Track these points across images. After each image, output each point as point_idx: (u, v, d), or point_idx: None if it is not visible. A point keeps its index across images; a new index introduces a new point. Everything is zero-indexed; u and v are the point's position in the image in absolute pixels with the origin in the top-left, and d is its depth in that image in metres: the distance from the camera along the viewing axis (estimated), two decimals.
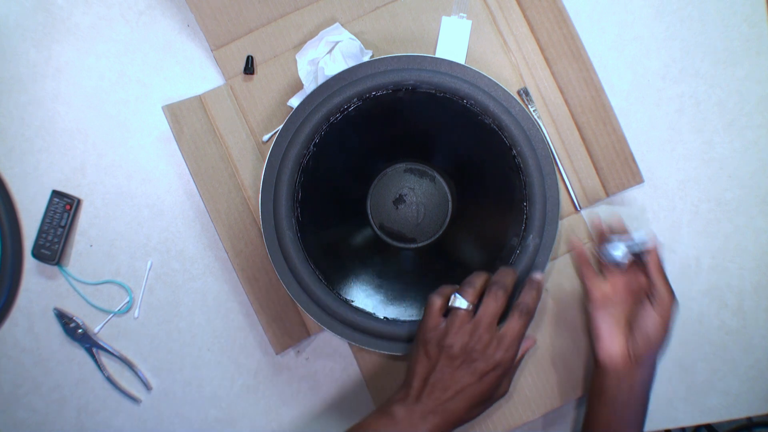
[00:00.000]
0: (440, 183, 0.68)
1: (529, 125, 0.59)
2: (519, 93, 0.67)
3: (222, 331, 0.69)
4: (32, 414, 0.69)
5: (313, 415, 0.68)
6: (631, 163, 0.66)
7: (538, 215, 0.58)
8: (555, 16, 0.66)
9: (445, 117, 0.61)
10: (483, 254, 0.64)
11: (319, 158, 0.60)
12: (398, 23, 0.67)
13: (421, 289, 0.61)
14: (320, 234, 0.63)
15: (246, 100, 0.67)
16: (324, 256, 0.62)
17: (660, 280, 0.59)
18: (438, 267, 0.66)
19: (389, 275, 0.65)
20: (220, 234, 0.66)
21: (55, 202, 0.67)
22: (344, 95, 0.58)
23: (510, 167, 0.60)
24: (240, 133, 0.67)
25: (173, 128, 0.66)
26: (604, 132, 0.66)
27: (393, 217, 0.68)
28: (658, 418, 0.68)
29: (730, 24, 0.68)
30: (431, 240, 0.68)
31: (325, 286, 0.59)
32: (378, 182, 0.68)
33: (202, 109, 0.67)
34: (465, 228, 0.67)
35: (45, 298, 0.68)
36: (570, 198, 0.67)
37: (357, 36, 0.66)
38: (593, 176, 0.67)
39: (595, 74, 0.66)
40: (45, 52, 0.69)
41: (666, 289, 0.59)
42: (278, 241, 0.59)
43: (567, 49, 0.66)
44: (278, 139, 0.59)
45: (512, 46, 0.67)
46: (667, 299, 0.58)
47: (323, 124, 0.58)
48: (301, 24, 0.67)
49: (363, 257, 0.66)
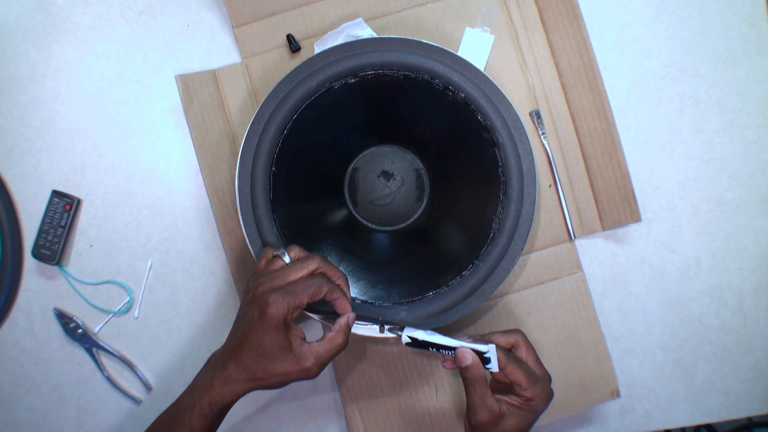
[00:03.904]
0: (418, 165, 0.68)
1: (500, 99, 0.58)
2: (530, 114, 0.67)
3: (222, 330, 0.69)
4: (32, 414, 0.69)
5: (311, 409, 0.68)
6: (631, 201, 0.66)
7: (515, 186, 0.58)
8: (578, 43, 0.66)
9: (421, 99, 0.61)
10: (461, 239, 0.64)
11: (296, 137, 0.60)
12: (421, 27, 0.67)
13: (398, 272, 0.61)
14: (295, 210, 0.62)
15: (259, 81, 0.67)
16: (297, 236, 0.61)
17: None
18: (416, 253, 0.66)
19: (365, 258, 0.65)
20: (214, 210, 0.67)
21: (55, 202, 0.67)
22: (327, 73, 0.58)
23: (485, 143, 0.59)
24: (249, 113, 0.67)
25: (183, 98, 0.66)
26: (609, 166, 0.66)
27: (371, 198, 0.68)
28: (658, 418, 0.68)
29: (730, 24, 0.68)
30: (408, 223, 0.68)
31: None
32: (357, 163, 0.69)
33: (215, 84, 0.67)
34: (442, 211, 0.67)
35: (45, 298, 0.68)
36: (565, 225, 0.67)
37: (379, 34, 0.66)
38: (592, 207, 0.67)
39: (609, 108, 0.66)
40: (45, 52, 0.69)
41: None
42: (253, 214, 0.59)
43: (585, 78, 0.66)
44: (257, 115, 0.59)
45: (531, 66, 0.67)
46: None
47: (303, 103, 0.58)
48: (324, 14, 0.67)
49: (338, 238, 0.66)
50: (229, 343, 0.52)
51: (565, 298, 0.67)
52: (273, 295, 0.49)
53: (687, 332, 0.68)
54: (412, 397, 0.67)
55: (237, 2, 0.67)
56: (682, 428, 0.97)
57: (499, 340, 0.55)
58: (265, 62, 0.67)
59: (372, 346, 0.67)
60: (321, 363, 0.51)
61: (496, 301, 0.67)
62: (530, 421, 0.53)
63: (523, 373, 0.52)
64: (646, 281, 0.68)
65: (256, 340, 0.49)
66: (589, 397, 0.66)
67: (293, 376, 0.50)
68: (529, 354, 0.55)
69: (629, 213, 0.67)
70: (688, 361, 0.68)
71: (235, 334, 0.52)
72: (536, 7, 0.67)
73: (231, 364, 0.50)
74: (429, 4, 0.67)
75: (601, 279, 0.68)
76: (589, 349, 0.67)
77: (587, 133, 0.67)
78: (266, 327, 0.49)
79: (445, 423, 0.66)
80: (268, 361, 0.49)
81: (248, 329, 0.50)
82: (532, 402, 0.52)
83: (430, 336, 0.53)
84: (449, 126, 0.63)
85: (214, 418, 0.51)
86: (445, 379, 0.67)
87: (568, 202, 0.67)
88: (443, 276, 0.60)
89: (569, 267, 0.67)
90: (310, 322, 0.67)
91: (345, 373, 0.67)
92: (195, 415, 0.50)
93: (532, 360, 0.55)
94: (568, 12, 0.67)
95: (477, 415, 0.52)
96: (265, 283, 0.51)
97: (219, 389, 0.50)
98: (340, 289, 0.52)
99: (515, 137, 0.58)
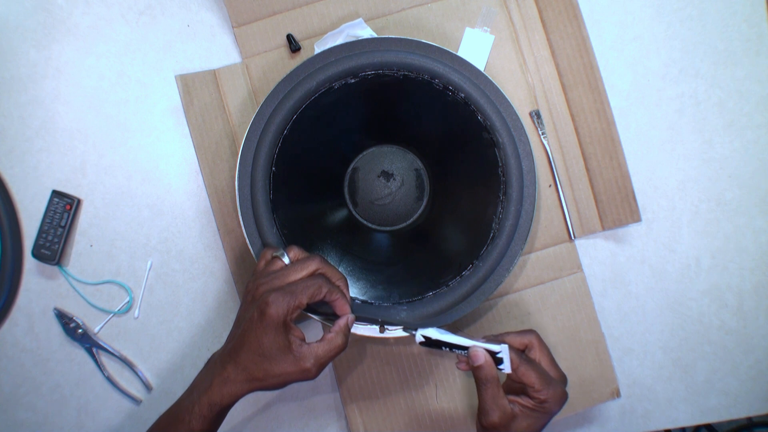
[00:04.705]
0: (418, 165, 0.68)
1: (500, 99, 0.58)
2: (530, 114, 0.67)
3: (222, 330, 0.69)
4: (32, 414, 0.69)
5: (311, 409, 0.68)
6: (631, 201, 0.66)
7: (515, 186, 0.58)
8: (578, 43, 0.66)
9: (421, 99, 0.61)
10: (461, 239, 0.64)
11: (296, 137, 0.60)
12: (421, 27, 0.67)
13: (398, 272, 0.61)
14: (295, 210, 0.62)
15: (259, 81, 0.67)
16: (297, 236, 0.61)
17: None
18: (416, 253, 0.66)
19: (365, 258, 0.65)
20: (214, 210, 0.67)
21: (55, 202, 0.67)
22: (327, 73, 0.58)
23: (485, 143, 0.59)
24: (249, 113, 0.67)
25: (183, 98, 0.66)
26: (609, 166, 0.66)
27: (371, 198, 0.68)
28: (658, 418, 0.68)
29: (730, 24, 0.68)
30: (408, 223, 0.68)
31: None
32: (357, 163, 0.69)
33: (215, 84, 0.67)
34: (442, 211, 0.67)
35: (45, 298, 0.68)
36: (565, 225, 0.67)
37: (379, 34, 0.66)
38: (592, 207, 0.67)
39: (609, 108, 0.66)
40: (45, 52, 0.69)
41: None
42: (253, 214, 0.59)
43: (585, 78, 0.66)
44: (257, 115, 0.59)
45: (531, 66, 0.67)
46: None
47: (303, 103, 0.58)
48: (324, 14, 0.67)
49: (338, 238, 0.66)
50: (229, 344, 0.52)
51: (565, 298, 0.67)
52: (273, 295, 0.49)
53: (687, 332, 0.68)
54: (412, 397, 0.67)
55: (237, 2, 0.67)
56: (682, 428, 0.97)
57: (513, 341, 0.54)
58: (265, 62, 0.67)
59: (372, 346, 0.67)
60: (320, 364, 0.50)
61: (496, 301, 0.67)
62: (543, 423, 0.53)
63: (536, 374, 0.51)
64: (646, 281, 0.69)
65: (255, 340, 0.49)
66: (590, 397, 0.66)
67: (292, 376, 0.50)
68: (543, 355, 0.54)
69: (629, 213, 0.67)
70: (688, 361, 0.68)
71: (235, 334, 0.52)
72: (536, 7, 0.67)
73: (230, 364, 0.50)
74: (429, 4, 0.67)
75: (601, 279, 0.68)
76: (589, 349, 0.67)
77: (587, 133, 0.67)
78: (266, 327, 0.49)
79: (445, 423, 0.66)
80: (267, 362, 0.49)
81: (248, 329, 0.50)
82: (545, 404, 0.52)
83: (444, 335, 0.53)
84: (449, 126, 0.63)
85: (214, 419, 0.51)
86: (445, 379, 0.67)
87: (568, 202, 0.67)
88: (443, 276, 0.60)
89: (569, 267, 0.67)
90: (310, 322, 0.67)
91: (345, 373, 0.67)
92: (194, 417, 0.50)
93: (546, 361, 0.54)
94: (568, 12, 0.67)
95: (488, 416, 0.52)
96: (265, 284, 0.51)
97: (218, 390, 0.50)
98: (339, 290, 0.52)
99: (515, 137, 0.58)
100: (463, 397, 0.66)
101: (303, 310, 0.52)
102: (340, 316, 0.53)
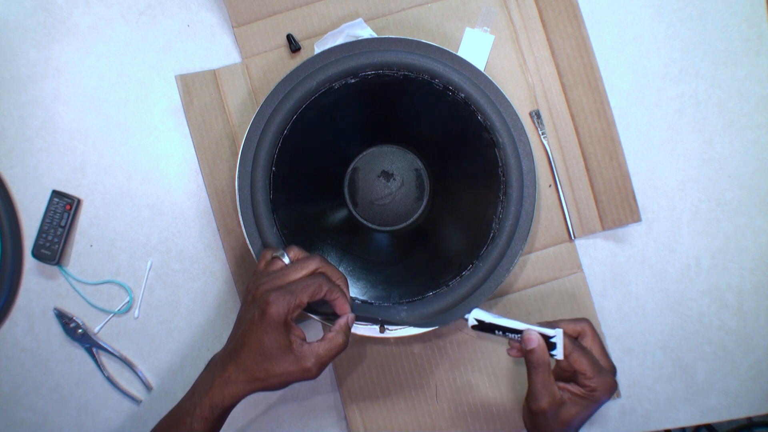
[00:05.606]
0: (418, 165, 0.68)
1: (500, 99, 0.58)
2: (530, 114, 0.67)
3: (222, 331, 0.69)
4: (32, 414, 0.69)
5: (311, 409, 0.68)
6: (631, 200, 0.66)
7: (515, 186, 0.58)
8: (578, 43, 0.66)
9: (421, 99, 0.61)
10: (461, 239, 0.64)
11: (296, 137, 0.60)
12: (421, 27, 0.67)
13: (398, 272, 0.61)
14: (295, 210, 0.62)
15: (259, 81, 0.67)
16: (297, 236, 0.61)
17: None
18: (416, 253, 0.66)
19: (365, 258, 0.65)
20: (214, 210, 0.67)
21: (55, 202, 0.67)
22: (327, 73, 0.58)
23: (485, 143, 0.59)
24: (249, 113, 0.67)
25: (183, 98, 0.66)
26: (609, 166, 0.66)
27: (371, 198, 0.68)
28: (658, 418, 0.68)
29: (730, 24, 0.68)
30: (408, 223, 0.68)
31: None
32: (357, 163, 0.68)
33: (215, 84, 0.67)
34: (442, 211, 0.67)
35: (45, 298, 0.68)
36: (565, 225, 0.67)
37: (379, 34, 0.66)
38: (592, 207, 0.67)
39: (609, 108, 0.66)
40: (45, 52, 0.69)
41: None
42: (253, 214, 0.59)
43: (585, 78, 0.66)
44: (257, 115, 0.59)
45: (531, 66, 0.67)
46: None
47: (303, 103, 0.58)
48: (324, 14, 0.67)
49: (338, 238, 0.66)
50: (229, 345, 0.52)
51: (565, 298, 0.67)
52: (273, 295, 0.49)
53: (687, 332, 0.68)
54: (412, 397, 0.67)
55: (237, 2, 0.67)
56: (682, 428, 0.97)
57: (566, 327, 0.54)
58: (265, 62, 0.67)
59: (372, 346, 0.67)
60: (321, 363, 0.50)
61: (496, 301, 0.67)
62: (591, 411, 0.53)
63: (588, 362, 0.52)
64: (646, 281, 0.69)
65: (256, 340, 0.49)
66: None
67: (293, 376, 0.50)
68: (595, 344, 0.54)
69: (629, 213, 0.67)
70: (688, 361, 0.68)
71: (235, 335, 0.52)
72: (536, 7, 0.67)
73: (231, 365, 0.50)
74: (429, 4, 0.67)
75: (601, 279, 0.68)
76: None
77: (587, 133, 0.67)
78: (267, 327, 0.49)
79: (445, 423, 0.66)
80: (267, 362, 0.49)
81: (248, 329, 0.50)
82: (595, 393, 0.52)
83: (497, 319, 0.53)
84: (449, 126, 0.63)
85: (215, 420, 0.51)
86: (445, 379, 0.67)
87: (568, 202, 0.67)
88: (443, 276, 0.60)
89: (569, 267, 0.67)
90: (310, 322, 0.67)
91: (345, 373, 0.67)
92: (196, 419, 0.50)
93: (597, 350, 0.54)
94: (568, 12, 0.67)
95: (538, 401, 0.52)
96: (266, 284, 0.51)
97: (219, 391, 0.50)
98: (339, 289, 0.52)
99: (515, 137, 0.58)
100: (464, 398, 0.66)
101: (303, 310, 0.52)
102: (340, 316, 0.53)
